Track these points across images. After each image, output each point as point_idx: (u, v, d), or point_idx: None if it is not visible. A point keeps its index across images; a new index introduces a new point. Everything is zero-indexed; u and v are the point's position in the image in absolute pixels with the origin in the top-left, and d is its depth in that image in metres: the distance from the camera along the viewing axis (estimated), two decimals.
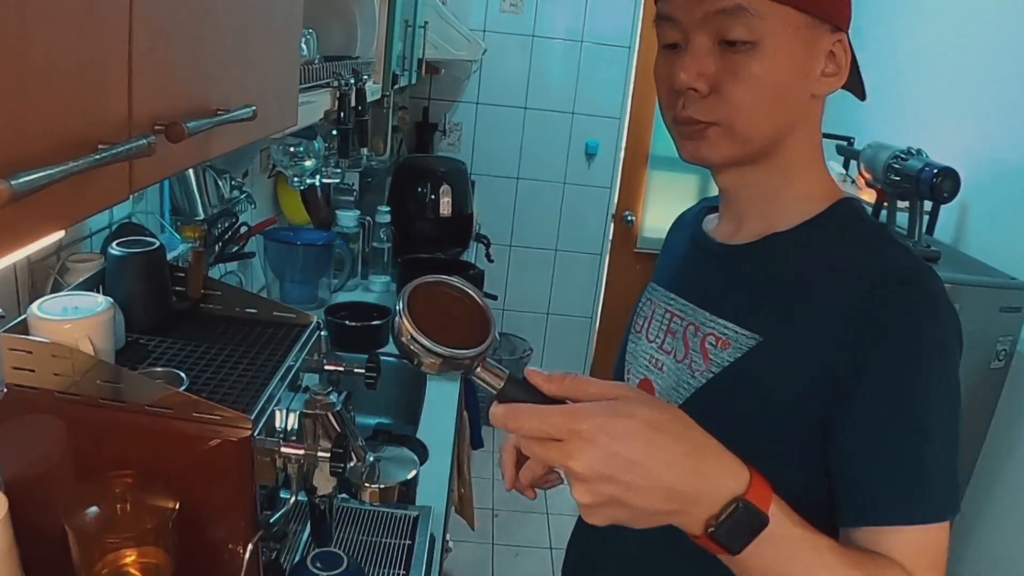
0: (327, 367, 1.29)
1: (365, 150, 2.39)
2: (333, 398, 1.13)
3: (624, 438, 0.69)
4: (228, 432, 0.98)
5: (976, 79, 2.61)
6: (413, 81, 2.97)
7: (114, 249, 1.22)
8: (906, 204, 2.37)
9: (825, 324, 0.90)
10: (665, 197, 4.22)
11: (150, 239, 1.28)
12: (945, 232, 2.60)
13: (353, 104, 1.96)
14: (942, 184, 2.23)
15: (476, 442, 2.88)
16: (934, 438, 0.86)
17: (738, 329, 0.96)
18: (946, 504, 0.86)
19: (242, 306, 1.33)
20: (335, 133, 2.10)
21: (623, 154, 4.17)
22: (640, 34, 3.91)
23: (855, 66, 0.97)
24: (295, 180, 2.28)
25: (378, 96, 2.34)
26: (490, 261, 3.74)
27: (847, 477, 0.89)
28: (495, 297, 3.97)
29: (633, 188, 4.25)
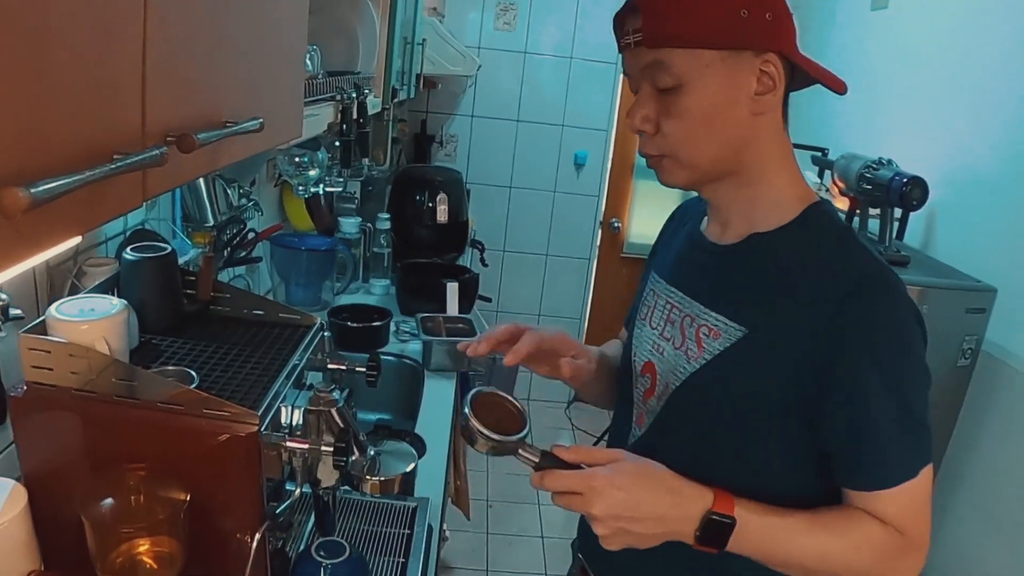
0: (330, 366, 1.29)
1: (366, 160, 2.39)
2: (336, 395, 1.13)
3: (623, 487, 0.93)
4: (236, 428, 0.97)
5: (944, 94, 2.62)
6: (412, 95, 2.97)
7: (128, 254, 1.22)
8: (877, 211, 2.38)
9: (806, 319, 0.97)
10: (650, 205, 4.23)
11: (162, 244, 1.27)
12: (914, 238, 2.61)
13: (355, 117, 1.96)
14: (911, 192, 2.24)
15: None
16: (908, 407, 0.96)
17: (727, 321, 1.03)
18: (921, 459, 0.97)
19: (249, 308, 1.33)
20: (338, 144, 2.09)
21: (610, 164, 4.17)
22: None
23: (815, 67, 1.01)
24: (300, 189, 2.28)
25: (378, 109, 2.34)
26: (484, 265, 3.74)
27: (833, 448, 0.99)
28: (489, 299, 3.97)
29: (619, 196, 4.25)
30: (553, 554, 3.23)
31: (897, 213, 2.41)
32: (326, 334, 1.31)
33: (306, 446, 1.09)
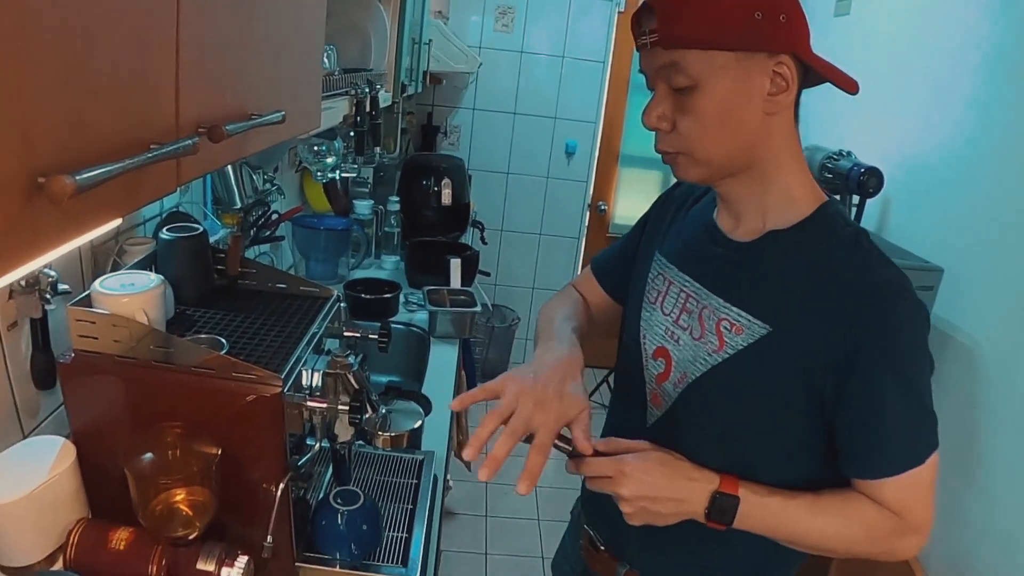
0: (346, 333, 1.29)
1: (378, 149, 2.37)
2: (351, 360, 1.13)
3: (648, 472, 0.96)
4: (262, 389, 0.98)
5: (898, 93, 2.61)
6: (419, 90, 2.95)
7: (164, 234, 1.22)
8: (837, 197, 2.38)
9: (827, 320, 0.93)
10: (633, 190, 4.22)
11: (195, 225, 1.27)
12: (870, 222, 2.60)
13: (368, 109, 1.95)
14: (868, 181, 2.24)
15: None
16: (918, 402, 0.94)
17: (751, 318, 0.98)
18: (928, 447, 0.95)
19: (273, 282, 1.32)
20: (352, 134, 2.08)
21: (597, 153, 4.15)
22: (612, 51, 3.88)
23: (828, 68, 0.97)
24: (318, 174, 2.27)
25: (389, 103, 2.33)
26: (484, 243, 3.73)
27: (844, 441, 0.97)
28: (488, 274, 3.97)
29: (605, 182, 4.23)
30: (544, 500, 3.25)
31: (855, 200, 2.40)
32: (342, 305, 1.31)
33: (324, 405, 1.09)
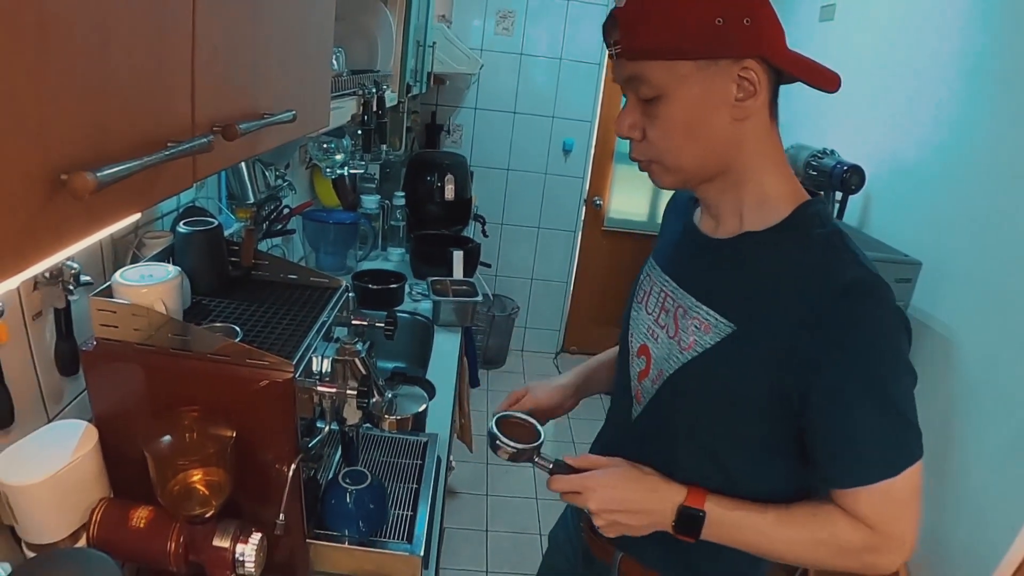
0: (354, 322, 1.29)
1: (384, 146, 2.36)
2: (359, 347, 1.13)
3: (613, 487, 0.96)
4: (274, 375, 0.98)
5: (880, 94, 2.60)
6: (423, 90, 2.94)
7: (181, 228, 1.21)
8: (821, 194, 2.37)
9: (793, 320, 0.86)
10: (628, 186, 4.21)
11: (210, 219, 1.27)
12: (852, 217, 2.60)
13: (374, 109, 1.94)
14: (851, 178, 2.24)
15: (474, 381, 2.89)
16: (892, 409, 0.86)
17: (718, 317, 0.94)
18: (904, 458, 0.87)
19: (285, 273, 1.32)
20: (360, 132, 2.07)
21: (593, 151, 4.14)
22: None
23: (803, 67, 0.89)
24: (327, 170, 2.26)
25: (395, 102, 2.31)
26: (485, 236, 3.73)
27: (814, 446, 0.90)
28: (489, 265, 3.97)
29: (601, 178, 4.22)
30: (543, 480, 3.26)
31: (838, 196, 2.40)
32: (350, 295, 1.31)
33: (333, 390, 1.09)
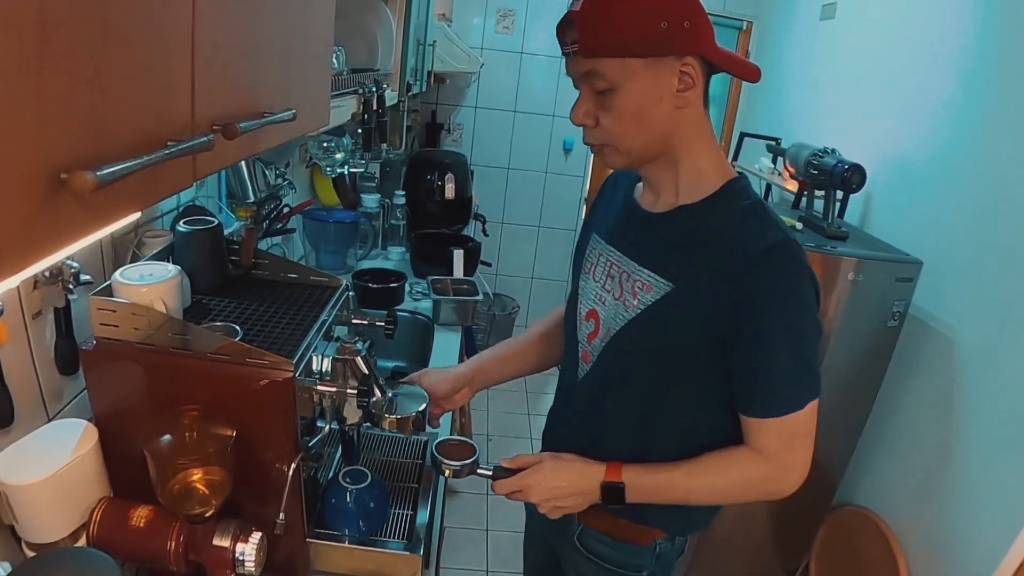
0: (354, 321, 1.29)
1: (384, 145, 2.36)
2: (359, 346, 1.13)
3: (544, 480, 1.12)
4: (275, 374, 0.98)
5: (881, 93, 2.60)
6: (423, 89, 2.94)
7: (181, 226, 1.22)
8: (822, 193, 2.37)
9: (723, 277, 1.00)
10: None
11: (210, 218, 1.27)
12: (853, 216, 2.60)
13: (375, 108, 1.94)
14: (852, 177, 2.23)
15: None
16: (796, 354, 1.01)
17: (657, 277, 1.07)
18: (807, 395, 1.03)
19: (285, 272, 1.32)
20: (360, 131, 2.07)
21: None
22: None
23: (731, 61, 1.02)
24: (327, 169, 2.26)
25: (395, 101, 2.31)
26: (486, 235, 3.73)
27: (736, 382, 1.05)
28: (489, 264, 3.97)
29: (601, 177, 4.22)
30: None
31: (839, 195, 2.39)
32: (350, 294, 1.31)
33: (334, 389, 1.10)
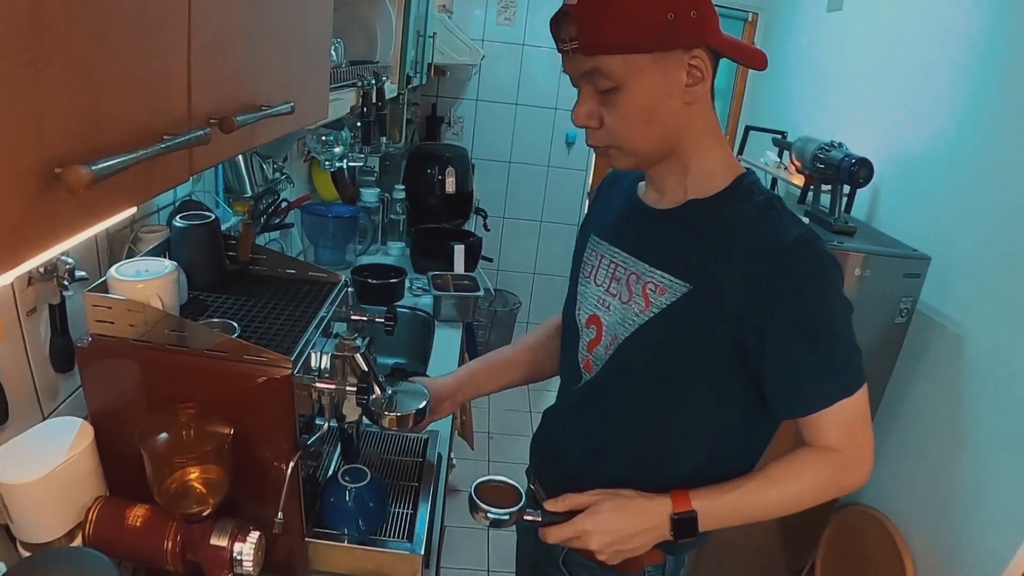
0: (353, 317, 1.29)
1: (384, 139, 2.36)
2: (358, 342, 1.13)
3: (606, 522, 1.02)
4: (273, 371, 0.98)
5: (888, 86, 2.59)
6: (424, 82, 2.94)
7: (177, 222, 1.21)
8: (829, 187, 2.37)
9: (744, 276, 0.96)
10: None
11: (207, 213, 1.27)
12: (860, 211, 2.59)
13: (374, 101, 1.94)
14: (859, 172, 2.23)
15: None
16: (840, 339, 0.97)
17: (672, 278, 1.02)
18: (855, 380, 0.98)
19: (283, 268, 1.32)
20: (359, 125, 2.07)
21: None
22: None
23: (738, 50, 0.98)
24: (326, 163, 2.26)
25: (395, 94, 2.31)
26: (487, 230, 3.73)
27: (777, 384, 0.99)
28: (491, 259, 3.97)
29: (604, 171, 4.22)
30: None
31: (846, 189, 2.39)
32: (349, 290, 1.31)
33: (333, 386, 1.10)
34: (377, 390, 1.14)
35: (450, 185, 3.18)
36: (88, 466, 1.00)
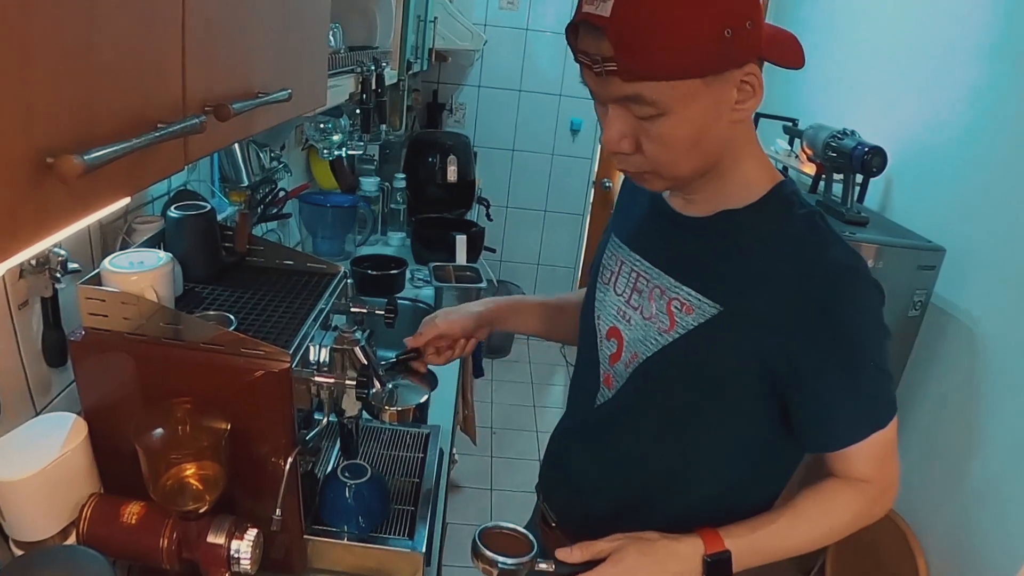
0: (352, 309, 1.29)
1: (384, 126, 2.36)
2: (358, 335, 1.13)
3: (635, 570, 0.94)
4: (270, 365, 0.98)
5: (903, 72, 2.58)
6: (424, 67, 2.94)
7: (172, 212, 1.21)
8: (841, 177, 2.36)
9: (781, 301, 0.90)
10: None
11: (203, 203, 1.26)
12: (873, 201, 2.58)
13: (373, 87, 1.93)
14: (872, 160, 2.22)
15: (477, 371, 2.89)
16: (879, 372, 0.93)
17: (701, 298, 0.95)
18: (888, 412, 0.96)
19: (281, 259, 1.32)
20: (358, 112, 2.07)
21: None
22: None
23: (782, 52, 0.90)
24: (325, 152, 2.26)
25: (395, 80, 2.31)
26: (490, 220, 3.72)
27: (810, 416, 0.95)
28: (493, 250, 3.96)
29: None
30: None
31: (859, 179, 2.38)
32: (349, 281, 1.31)
33: (332, 380, 1.09)
34: (377, 384, 1.14)
35: (452, 174, 3.17)
36: (82, 463, 1.00)
